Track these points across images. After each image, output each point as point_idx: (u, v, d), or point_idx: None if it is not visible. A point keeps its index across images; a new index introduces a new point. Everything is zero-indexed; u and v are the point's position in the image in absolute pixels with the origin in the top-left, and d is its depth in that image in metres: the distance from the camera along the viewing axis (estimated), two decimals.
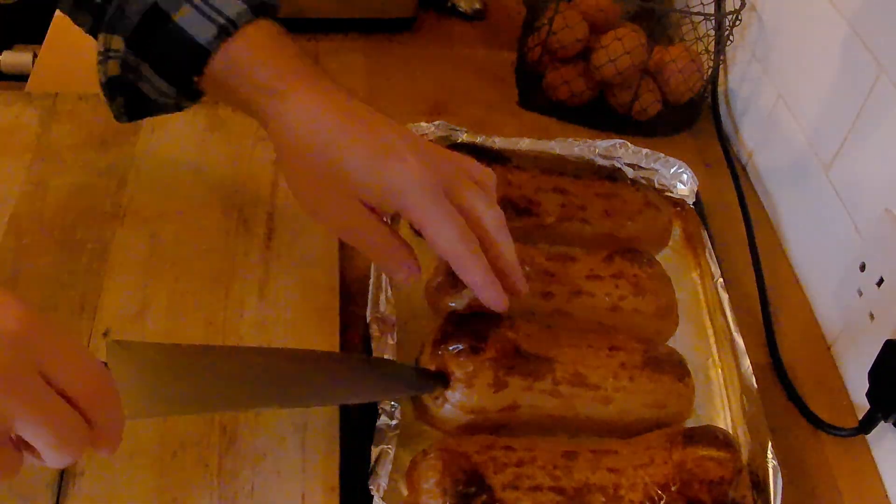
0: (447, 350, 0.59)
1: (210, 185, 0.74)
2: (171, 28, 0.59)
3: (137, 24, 0.60)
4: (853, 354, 0.71)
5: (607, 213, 0.75)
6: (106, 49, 0.62)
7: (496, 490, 0.54)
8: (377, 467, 0.55)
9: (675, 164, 0.81)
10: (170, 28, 0.59)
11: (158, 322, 0.63)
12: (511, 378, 0.58)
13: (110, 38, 0.62)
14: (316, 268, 0.69)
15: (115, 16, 0.61)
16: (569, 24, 0.91)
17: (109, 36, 0.62)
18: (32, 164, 0.73)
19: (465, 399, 0.58)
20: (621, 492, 0.55)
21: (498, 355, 0.58)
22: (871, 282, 0.68)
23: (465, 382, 0.58)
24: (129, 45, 0.61)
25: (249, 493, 0.55)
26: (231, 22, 0.58)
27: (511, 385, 0.58)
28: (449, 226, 0.56)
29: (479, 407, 0.58)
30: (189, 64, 0.60)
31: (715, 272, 0.73)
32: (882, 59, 0.69)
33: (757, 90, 0.91)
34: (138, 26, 0.60)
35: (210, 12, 0.58)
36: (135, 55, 0.62)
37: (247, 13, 0.59)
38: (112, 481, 0.54)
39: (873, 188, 0.70)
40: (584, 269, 0.68)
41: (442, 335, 0.60)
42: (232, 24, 0.58)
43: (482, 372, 0.58)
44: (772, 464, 0.59)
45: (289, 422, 0.59)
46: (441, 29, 1.04)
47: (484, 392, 0.58)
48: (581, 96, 0.93)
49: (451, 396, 0.58)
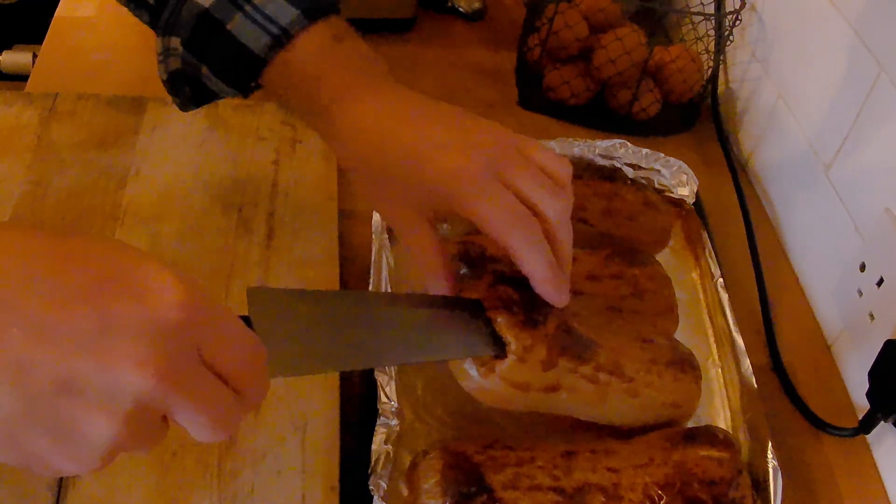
0: (506, 317, 0.55)
1: (210, 185, 0.75)
2: (225, 36, 0.58)
3: (192, 29, 0.60)
4: (853, 354, 0.71)
5: (607, 213, 0.75)
6: (165, 49, 0.62)
7: (496, 490, 0.54)
8: (377, 467, 0.55)
9: (675, 164, 0.81)
10: (224, 36, 0.58)
11: None
12: (562, 358, 0.56)
13: (168, 40, 0.61)
14: (316, 268, 0.69)
15: (170, 19, 0.60)
16: (569, 24, 0.91)
17: (167, 38, 0.61)
18: (32, 164, 0.73)
19: (515, 373, 0.55)
20: (621, 492, 0.55)
21: (555, 332, 0.56)
22: (871, 282, 0.68)
23: (519, 356, 0.54)
24: (186, 47, 0.61)
25: (249, 493, 0.55)
26: (284, 31, 0.58)
27: (560, 365, 0.56)
28: (500, 213, 0.52)
29: (525, 383, 0.55)
30: (245, 72, 0.59)
31: (715, 272, 0.73)
32: (882, 59, 0.69)
33: (757, 90, 0.91)
34: (193, 32, 0.60)
35: (263, 21, 0.57)
36: (193, 57, 0.61)
37: (300, 20, 0.58)
38: (112, 481, 0.54)
39: (873, 188, 0.70)
40: (583, 269, 0.68)
41: (500, 300, 0.56)
42: (285, 34, 0.58)
43: (537, 347, 0.55)
44: (772, 464, 0.59)
45: (289, 422, 0.59)
46: (441, 29, 1.04)
47: (535, 368, 0.55)
48: (581, 96, 0.93)
49: (499, 368, 0.55)
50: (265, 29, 0.57)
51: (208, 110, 0.80)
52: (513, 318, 0.55)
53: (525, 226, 0.53)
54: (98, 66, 0.90)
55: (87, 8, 0.97)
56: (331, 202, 0.75)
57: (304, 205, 0.74)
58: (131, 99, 0.81)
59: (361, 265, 0.70)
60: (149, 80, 0.89)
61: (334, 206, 0.74)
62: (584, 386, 0.57)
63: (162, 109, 0.80)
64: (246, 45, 0.58)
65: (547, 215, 0.54)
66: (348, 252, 0.73)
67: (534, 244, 0.53)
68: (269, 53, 0.58)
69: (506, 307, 0.55)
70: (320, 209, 0.74)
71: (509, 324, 0.55)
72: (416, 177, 0.54)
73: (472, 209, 0.53)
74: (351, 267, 0.71)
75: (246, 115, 0.81)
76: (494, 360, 0.54)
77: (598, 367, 0.57)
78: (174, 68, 0.63)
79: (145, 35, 0.64)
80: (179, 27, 0.60)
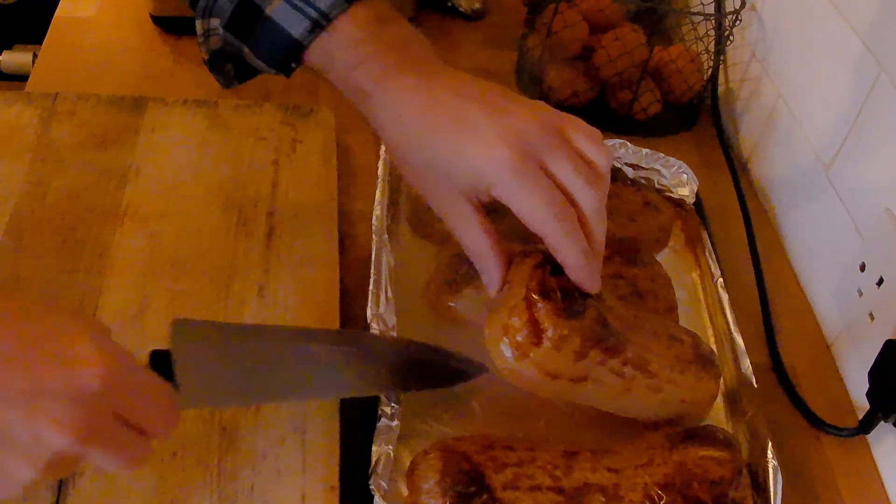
0: (547, 304, 0.54)
1: (210, 185, 0.74)
2: (264, 20, 0.58)
3: (231, 13, 0.59)
4: (853, 354, 0.71)
5: (607, 213, 0.74)
6: (206, 31, 0.62)
7: (496, 490, 0.54)
8: (377, 467, 0.55)
9: (675, 164, 0.81)
10: (263, 20, 0.58)
11: (158, 322, 0.63)
12: (594, 350, 0.56)
13: (208, 21, 0.61)
14: (316, 268, 0.69)
15: (209, 3, 0.60)
16: (569, 24, 0.91)
17: (206, 20, 0.61)
18: (32, 164, 0.73)
19: (549, 360, 0.55)
20: (621, 492, 0.55)
21: (590, 324, 0.55)
22: (871, 282, 0.68)
23: (555, 343, 0.54)
24: (226, 28, 0.61)
25: (249, 493, 0.55)
26: (323, 14, 0.57)
27: (590, 357, 0.56)
28: (537, 202, 0.52)
29: (556, 371, 0.56)
30: (286, 55, 0.59)
31: (715, 272, 0.73)
32: (882, 59, 0.69)
33: (757, 90, 0.91)
34: (233, 16, 0.60)
35: (302, 4, 0.57)
36: (235, 38, 0.61)
37: (340, 3, 0.57)
38: (112, 481, 0.54)
39: (873, 188, 0.70)
40: None
41: (539, 289, 0.55)
42: (324, 17, 0.57)
43: (573, 337, 0.55)
44: (772, 464, 0.59)
45: (289, 422, 0.59)
46: (441, 29, 1.04)
47: (567, 358, 0.55)
48: (581, 96, 0.93)
49: (534, 353, 0.54)
50: (304, 13, 0.57)
51: (208, 110, 0.80)
52: (553, 305, 0.54)
53: (562, 217, 0.53)
54: (98, 66, 0.90)
55: (87, 8, 0.97)
56: (331, 202, 0.75)
57: (304, 205, 0.74)
58: (131, 99, 0.81)
59: (361, 265, 0.70)
60: (149, 80, 0.89)
61: (334, 206, 0.74)
62: (611, 379, 0.57)
63: (162, 109, 0.80)
64: (285, 29, 0.58)
65: (583, 205, 0.54)
66: (348, 252, 0.73)
67: (569, 234, 0.53)
68: (308, 37, 0.57)
69: (545, 294, 0.55)
70: (320, 209, 0.74)
71: (549, 311, 0.54)
72: (457, 164, 0.54)
73: (511, 198, 0.53)
74: (351, 267, 0.71)
75: (246, 115, 0.81)
76: (530, 344, 0.54)
77: (626, 362, 0.57)
78: (215, 47, 0.62)
79: (145, 35, 0.64)
80: (218, 10, 0.60)
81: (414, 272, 0.70)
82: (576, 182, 0.54)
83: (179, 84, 0.89)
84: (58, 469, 0.42)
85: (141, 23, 0.93)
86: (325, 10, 0.57)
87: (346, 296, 0.68)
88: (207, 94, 0.87)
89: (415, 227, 0.74)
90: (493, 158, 0.53)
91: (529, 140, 0.53)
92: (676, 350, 0.61)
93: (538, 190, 0.52)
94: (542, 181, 0.53)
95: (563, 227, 0.53)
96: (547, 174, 0.53)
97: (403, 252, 0.73)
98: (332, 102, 0.86)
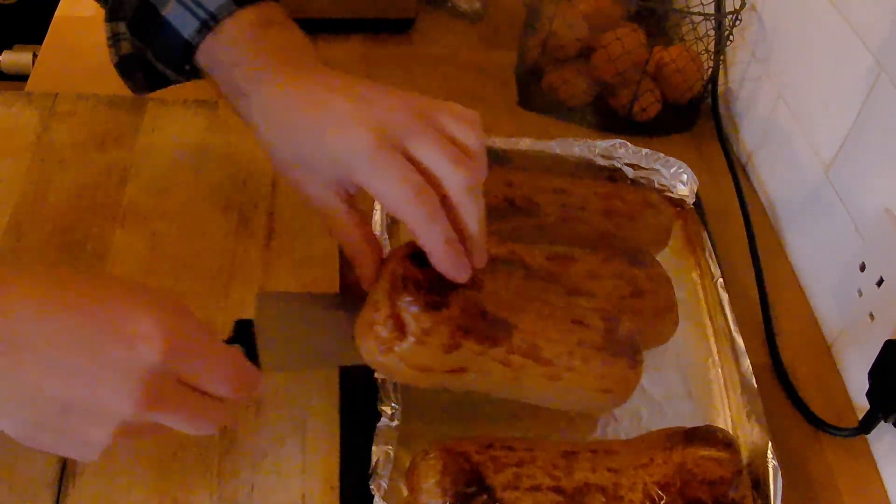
0: (407, 297, 0.53)
1: (210, 185, 0.75)
2: (161, 22, 0.60)
3: (133, 15, 0.62)
4: (853, 354, 0.71)
5: (607, 213, 0.75)
6: (114, 34, 0.64)
7: (496, 490, 0.54)
8: (377, 467, 0.55)
9: (675, 164, 0.81)
10: (160, 22, 0.60)
11: None
12: (467, 341, 0.54)
13: (116, 25, 0.64)
14: (316, 268, 0.69)
15: (114, 5, 0.63)
16: (569, 24, 0.91)
17: (115, 23, 0.64)
18: (32, 164, 0.73)
19: (415, 356, 0.53)
20: (621, 492, 0.55)
21: (459, 315, 0.53)
22: (871, 282, 0.68)
23: (418, 339, 0.53)
24: (131, 32, 0.63)
25: (249, 493, 0.55)
26: (212, 16, 0.59)
27: (464, 347, 0.54)
28: (393, 184, 0.51)
29: (427, 366, 0.54)
30: (181, 56, 0.61)
31: (715, 272, 0.73)
32: (882, 59, 0.69)
33: (757, 90, 0.91)
34: (134, 17, 0.62)
35: (193, 6, 0.59)
36: (139, 41, 0.63)
37: (228, 5, 0.59)
38: (112, 481, 0.55)
39: (873, 188, 0.70)
40: (584, 269, 0.68)
41: (400, 282, 0.54)
42: (212, 18, 0.59)
43: (438, 330, 0.53)
44: (772, 464, 0.59)
45: (289, 422, 0.59)
46: (441, 29, 1.04)
47: (436, 352, 0.53)
48: (581, 96, 0.93)
49: (399, 349, 0.53)
50: (194, 13, 0.59)
51: (208, 110, 0.80)
52: (414, 298, 0.53)
53: (419, 199, 0.51)
54: (98, 66, 0.90)
55: (87, 8, 0.97)
56: None
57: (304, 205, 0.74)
58: (131, 99, 0.81)
59: None
60: None
61: None
62: (496, 369, 0.56)
63: (162, 109, 0.80)
64: (178, 30, 0.59)
65: (448, 187, 0.52)
66: None
67: (429, 218, 0.51)
68: (196, 38, 0.59)
69: (408, 286, 0.53)
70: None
71: (410, 304, 0.53)
72: (320, 154, 0.54)
73: (369, 182, 0.52)
74: (351, 267, 0.71)
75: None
76: (394, 339, 0.53)
77: (511, 350, 0.55)
78: (125, 52, 0.65)
79: None
80: (123, 11, 0.62)
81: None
82: (440, 163, 0.52)
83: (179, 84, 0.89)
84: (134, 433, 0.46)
85: None
86: (213, 12, 0.59)
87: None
88: (207, 94, 0.87)
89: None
90: (352, 144, 0.52)
91: (391, 124, 0.52)
92: (580, 335, 0.58)
93: (395, 172, 0.51)
94: (399, 163, 0.51)
95: (422, 210, 0.51)
96: (410, 159, 0.52)
97: None
98: None
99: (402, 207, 0.52)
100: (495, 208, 0.72)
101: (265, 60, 0.58)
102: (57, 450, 0.46)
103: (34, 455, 0.55)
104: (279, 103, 0.56)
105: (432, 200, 0.52)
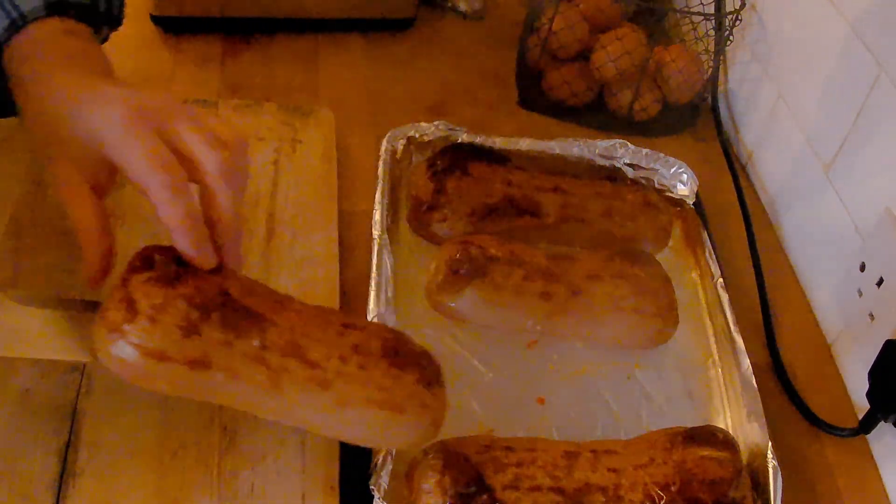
0: (136, 279, 0.49)
1: None
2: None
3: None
4: (853, 354, 0.71)
5: (607, 213, 0.75)
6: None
7: (496, 490, 0.54)
8: (377, 467, 0.55)
9: (675, 164, 0.81)
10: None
11: None
12: (206, 325, 0.49)
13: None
14: (316, 268, 0.69)
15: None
16: (569, 24, 0.91)
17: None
18: (32, 164, 0.73)
19: (146, 337, 0.48)
20: (621, 492, 0.55)
21: (195, 293, 0.49)
22: (871, 282, 0.68)
23: (148, 317, 0.48)
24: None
25: (249, 493, 0.55)
26: (22, 16, 0.59)
27: (205, 334, 0.49)
28: (138, 154, 0.50)
29: (161, 351, 0.48)
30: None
31: (715, 272, 0.73)
32: (882, 59, 0.69)
33: (757, 90, 0.91)
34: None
35: (8, 5, 0.59)
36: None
37: (39, 10, 0.59)
38: (112, 481, 0.54)
39: (873, 188, 0.70)
40: (584, 269, 0.68)
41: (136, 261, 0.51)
42: (22, 18, 0.59)
43: (173, 306, 0.48)
44: (772, 464, 0.59)
45: None
46: (441, 29, 1.04)
47: (170, 332, 0.48)
48: (581, 96, 0.93)
49: (128, 331, 0.48)
50: (7, 12, 0.59)
51: (208, 111, 0.80)
52: (146, 275, 0.49)
53: (164, 169, 0.50)
54: None
55: None
56: (331, 202, 0.75)
57: (304, 205, 0.74)
58: None
59: (361, 265, 0.70)
60: (149, 80, 0.89)
61: (334, 206, 0.74)
62: (248, 367, 0.49)
63: None
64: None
65: (204, 165, 0.52)
66: (348, 252, 0.73)
67: (170, 188, 0.50)
68: (4, 35, 0.59)
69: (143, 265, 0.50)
70: (320, 209, 0.74)
71: (137, 282, 0.49)
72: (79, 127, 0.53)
73: (117, 153, 0.52)
74: (351, 267, 0.71)
75: (246, 115, 0.81)
76: (124, 320, 0.48)
77: (265, 346, 0.50)
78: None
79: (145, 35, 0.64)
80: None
81: (414, 272, 0.70)
82: (196, 145, 0.52)
83: (179, 84, 0.89)
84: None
85: (141, 23, 0.93)
86: (25, 13, 0.59)
87: (346, 296, 0.68)
88: (207, 94, 0.87)
89: (415, 228, 0.74)
90: (107, 116, 0.52)
91: (151, 107, 0.53)
92: (355, 339, 0.52)
93: (144, 143, 0.51)
94: (150, 137, 0.51)
95: (165, 178, 0.50)
96: (167, 142, 0.52)
97: (403, 252, 0.73)
98: (332, 102, 0.86)
99: (146, 177, 0.50)
100: (495, 208, 0.72)
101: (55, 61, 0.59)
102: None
103: (34, 455, 0.55)
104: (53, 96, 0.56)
105: (177, 173, 0.51)
